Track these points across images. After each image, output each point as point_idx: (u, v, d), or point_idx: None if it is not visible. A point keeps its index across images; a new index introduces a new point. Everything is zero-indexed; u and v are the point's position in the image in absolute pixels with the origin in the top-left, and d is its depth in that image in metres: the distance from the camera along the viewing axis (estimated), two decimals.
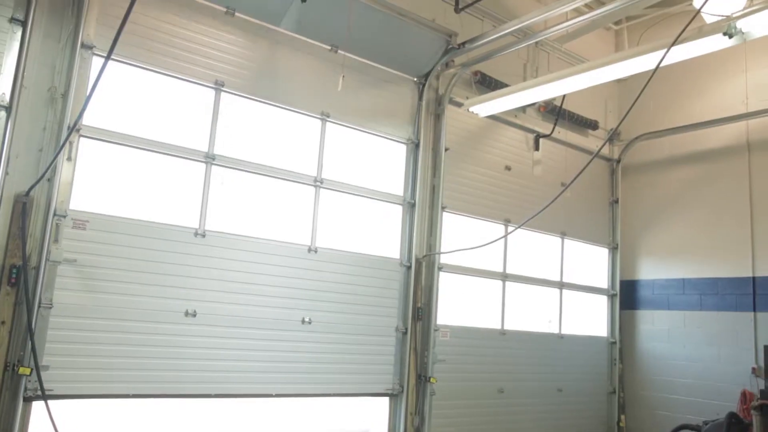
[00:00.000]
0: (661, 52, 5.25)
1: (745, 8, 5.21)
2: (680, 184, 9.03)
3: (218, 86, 5.95)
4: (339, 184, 6.70)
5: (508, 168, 8.35)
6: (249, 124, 6.18)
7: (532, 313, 8.46)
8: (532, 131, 8.67)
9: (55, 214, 4.97)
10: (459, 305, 7.65)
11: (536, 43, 8.40)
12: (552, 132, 8.75)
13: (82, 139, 5.20)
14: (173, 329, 5.51)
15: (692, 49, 5.57)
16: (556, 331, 8.66)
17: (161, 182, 5.64)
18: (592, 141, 9.49)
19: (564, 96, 8.48)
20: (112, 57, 3.84)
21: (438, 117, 7.61)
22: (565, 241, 8.95)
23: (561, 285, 8.81)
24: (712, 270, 8.45)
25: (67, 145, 5.04)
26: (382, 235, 7.05)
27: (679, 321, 8.70)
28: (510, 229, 8.07)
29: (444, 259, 7.43)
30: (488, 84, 7.95)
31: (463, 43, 7.15)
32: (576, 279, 9.03)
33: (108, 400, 5.23)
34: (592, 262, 9.36)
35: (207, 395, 5.67)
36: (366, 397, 6.85)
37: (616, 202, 9.65)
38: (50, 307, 4.91)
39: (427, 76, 7.49)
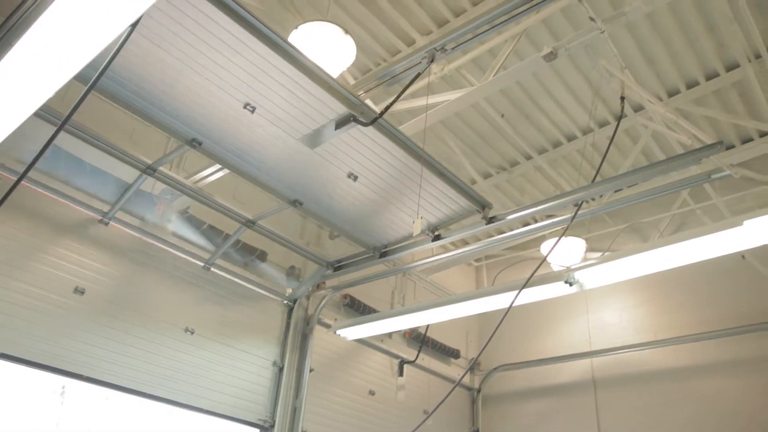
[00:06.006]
0: (513, 293, 5.74)
1: (581, 261, 5.94)
2: (536, 416, 9.30)
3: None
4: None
5: (372, 392, 8.27)
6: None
7: None
8: (397, 356, 8.81)
9: None
10: None
11: (404, 272, 8.91)
12: (416, 359, 8.94)
13: None
14: (59, 301, 5.43)
15: (540, 292, 6.12)
16: None
17: None
18: (455, 369, 9.75)
19: (428, 324, 8.83)
20: None
21: (305, 337, 7.58)
22: None
23: None
24: None
25: None
26: None
27: None
28: None
29: None
30: (357, 307, 8.17)
31: (338, 267, 7.42)
32: None
33: None
34: None
35: (79, 375, 5.42)
36: (238, 424, 6.56)
37: (477, 431, 9.68)
38: None
39: (296, 298, 7.61)
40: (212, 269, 6.79)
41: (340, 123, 4.83)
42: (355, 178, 5.57)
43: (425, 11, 6.62)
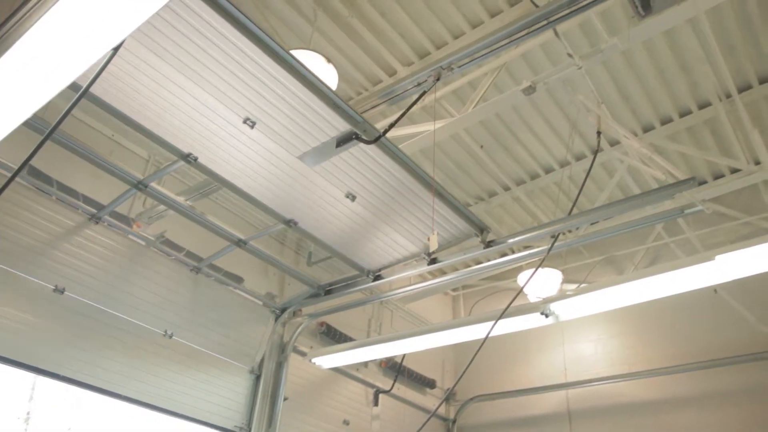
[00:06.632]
0: (490, 323, 5.74)
1: (557, 293, 5.99)
2: None
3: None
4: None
5: (346, 422, 8.17)
6: None
7: None
8: (372, 386, 8.72)
9: None
10: None
11: (381, 301, 8.88)
12: (392, 388, 8.86)
13: None
14: (40, 300, 5.34)
15: (516, 323, 6.13)
16: None
17: None
18: (430, 399, 9.68)
19: (404, 354, 8.78)
20: None
21: (280, 365, 7.48)
22: None
23: None
24: None
25: None
26: None
27: None
28: None
29: None
30: (333, 335, 8.10)
31: (329, 291, 7.26)
32: None
33: None
34: None
35: (54, 374, 5.30)
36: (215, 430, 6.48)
37: None
38: None
39: (284, 310, 7.53)
40: (200, 273, 6.76)
41: (342, 141, 4.60)
42: (353, 198, 5.40)
43: (407, 43, 6.72)
